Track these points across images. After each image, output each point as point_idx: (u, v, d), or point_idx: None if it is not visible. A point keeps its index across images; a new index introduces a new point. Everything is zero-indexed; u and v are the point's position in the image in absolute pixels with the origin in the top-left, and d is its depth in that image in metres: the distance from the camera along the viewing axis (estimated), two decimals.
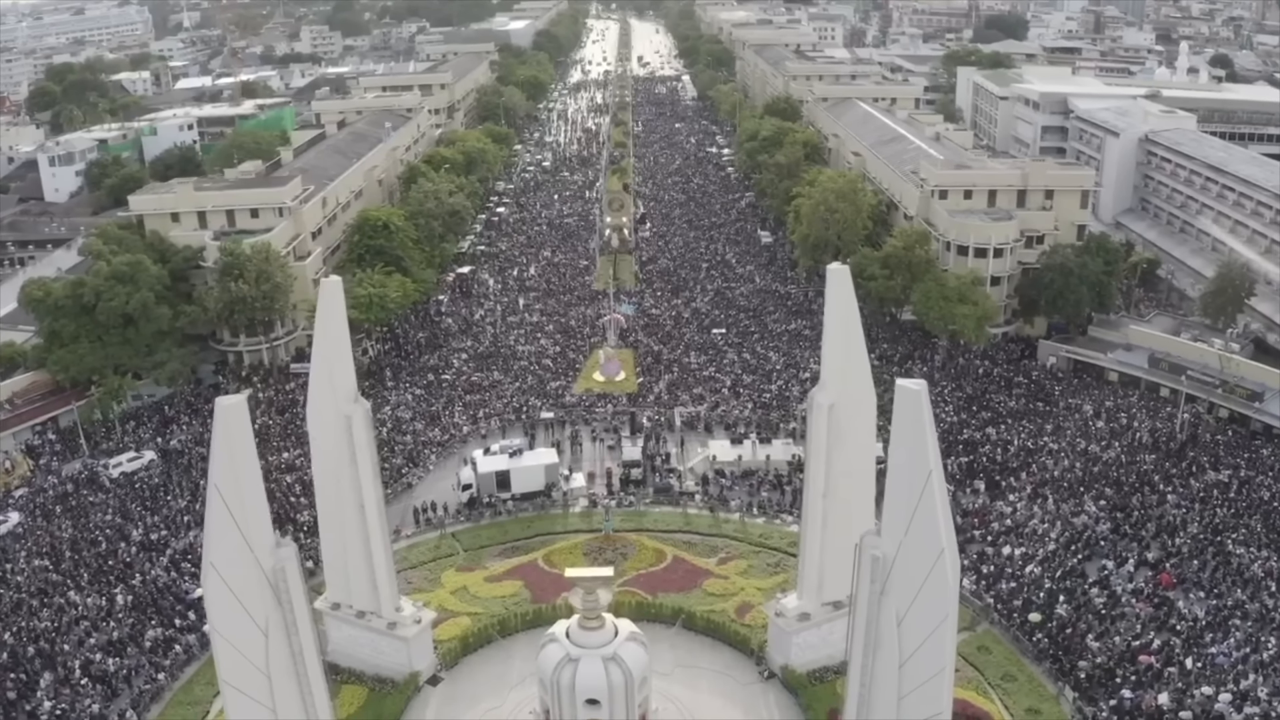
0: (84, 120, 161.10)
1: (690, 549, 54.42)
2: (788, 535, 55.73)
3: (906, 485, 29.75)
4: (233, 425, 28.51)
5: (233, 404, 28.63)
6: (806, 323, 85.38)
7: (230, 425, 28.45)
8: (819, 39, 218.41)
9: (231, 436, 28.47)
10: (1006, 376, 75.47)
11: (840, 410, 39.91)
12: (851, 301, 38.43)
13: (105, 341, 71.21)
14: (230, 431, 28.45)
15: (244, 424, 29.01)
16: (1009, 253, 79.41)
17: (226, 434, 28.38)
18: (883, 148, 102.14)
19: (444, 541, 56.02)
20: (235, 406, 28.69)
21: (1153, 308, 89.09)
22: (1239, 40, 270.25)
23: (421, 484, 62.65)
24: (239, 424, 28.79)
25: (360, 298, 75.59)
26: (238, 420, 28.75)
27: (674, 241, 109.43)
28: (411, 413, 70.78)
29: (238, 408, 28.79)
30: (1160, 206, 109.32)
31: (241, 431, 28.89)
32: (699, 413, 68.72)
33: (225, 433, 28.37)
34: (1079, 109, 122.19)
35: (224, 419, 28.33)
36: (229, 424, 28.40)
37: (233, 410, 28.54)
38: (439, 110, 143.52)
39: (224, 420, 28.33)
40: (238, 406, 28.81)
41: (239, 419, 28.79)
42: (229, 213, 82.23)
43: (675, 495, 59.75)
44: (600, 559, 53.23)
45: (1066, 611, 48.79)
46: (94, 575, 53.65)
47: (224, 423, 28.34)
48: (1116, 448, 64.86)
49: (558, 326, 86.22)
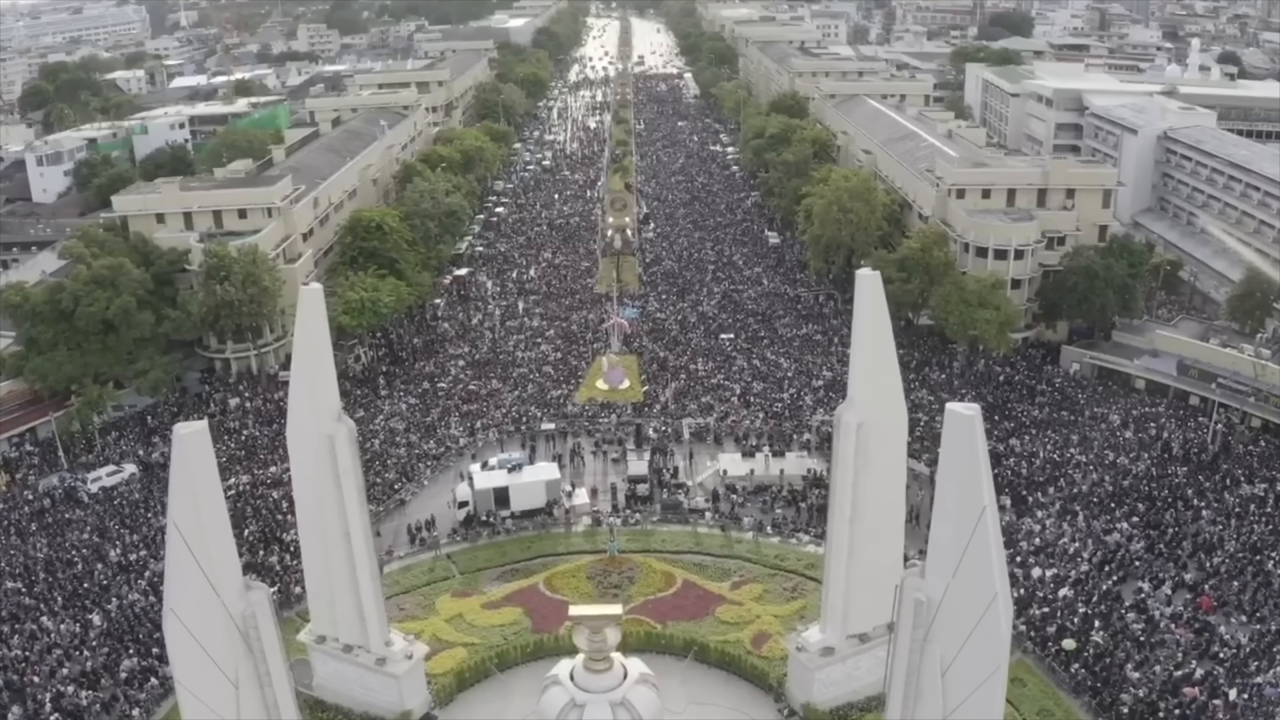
0: (75, 119, 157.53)
1: (701, 572, 51.11)
2: (804, 556, 52.65)
3: (956, 521, 26.58)
4: (193, 456, 25.10)
5: (192, 432, 25.11)
6: (818, 327, 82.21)
7: (190, 456, 25.04)
8: (823, 36, 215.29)
9: (192, 469, 25.08)
10: (1028, 384, 72.51)
11: (869, 429, 36.55)
12: (883, 310, 35.08)
13: (85, 349, 68.08)
14: (190, 463, 25.06)
15: (205, 454, 25.58)
16: (1030, 254, 76.11)
17: (186, 466, 25.01)
18: (894, 145, 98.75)
19: (439, 564, 52.77)
20: (195, 435, 25.17)
21: (1176, 311, 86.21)
22: (1245, 38, 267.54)
23: (415, 500, 59.38)
24: (200, 454, 25.38)
25: (352, 302, 72.33)
26: (198, 450, 25.31)
27: (678, 242, 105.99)
28: (405, 424, 67.45)
29: (198, 436, 25.26)
30: (1180, 206, 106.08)
31: (203, 463, 25.49)
32: (708, 424, 65.33)
33: (185, 465, 25.00)
34: (1094, 106, 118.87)
35: (183, 449, 24.92)
36: (188, 455, 25.00)
37: (192, 439, 25.06)
38: (436, 108, 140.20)
39: (183, 451, 24.92)
40: (198, 435, 25.27)
41: (200, 449, 25.34)
42: (216, 213, 78.80)
43: (684, 512, 56.41)
44: (605, 583, 50.08)
45: (1103, 639, 46.11)
46: (68, 599, 51.08)
47: (183, 453, 24.94)
48: (1146, 460, 62.66)
49: (559, 331, 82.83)
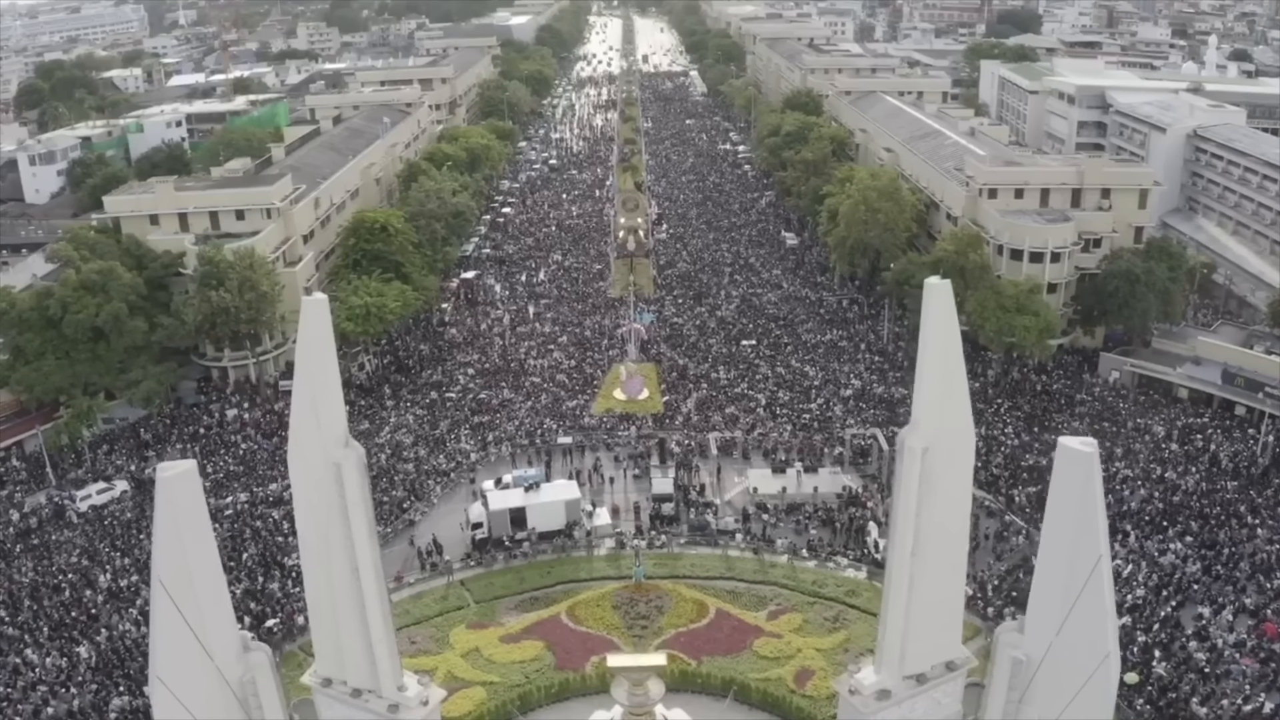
0: (70, 118, 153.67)
1: (735, 600, 47.51)
2: (844, 582, 49.14)
3: (1066, 571, 23.04)
4: (180, 501, 21.37)
5: (178, 474, 21.30)
6: (843, 333, 78.66)
7: (176, 501, 21.32)
8: (831, 34, 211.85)
9: (179, 516, 21.37)
10: (1067, 393, 68.88)
11: (935, 455, 32.76)
12: (953, 323, 31.27)
13: (73, 358, 64.56)
14: (177, 510, 21.36)
15: (194, 499, 21.79)
16: (1066, 257, 72.48)
17: (172, 513, 21.32)
18: (917, 143, 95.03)
19: (452, 591, 49.12)
20: (181, 477, 21.35)
21: (1213, 316, 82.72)
22: (1254, 35, 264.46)
23: (425, 520, 55.73)
24: (188, 499, 21.61)
25: (356, 308, 68.68)
26: (186, 494, 21.54)
27: (692, 243, 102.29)
28: (413, 437, 63.79)
29: (184, 479, 21.45)
30: (1210, 206, 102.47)
31: (191, 509, 21.73)
32: (735, 438, 61.58)
33: (171, 511, 21.31)
34: (1118, 103, 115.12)
35: (168, 494, 21.20)
36: (174, 500, 21.27)
37: (178, 482, 21.29)
38: (440, 105, 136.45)
39: (168, 495, 21.20)
40: (184, 477, 21.46)
41: (187, 493, 21.56)
42: (212, 214, 74.93)
43: (713, 534, 52.82)
44: (633, 613, 46.47)
45: (1166, 670, 43.19)
46: (55, 629, 47.92)
47: (168, 498, 21.23)
48: (1195, 474, 59.28)
49: (572, 338, 79.11)
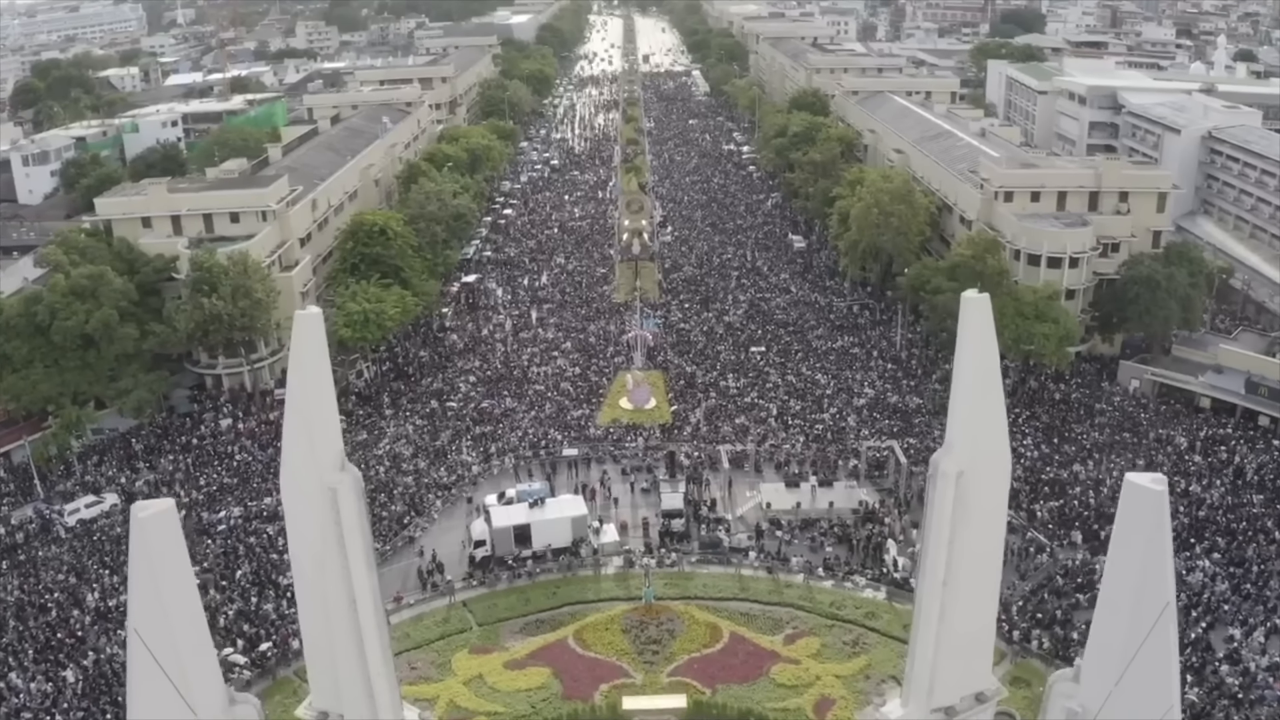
0: (65, 117, 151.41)
1: (750, 623, 45.50)
2: (862, 603, 47.16)
3: (1129, 618, 21.02)
4: (156, 544, 19.20)
5: (154, 514, 18.97)
6: (854, 339, 76.60)
7: (152, 545, 19.16)
8: (835, 33, 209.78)
9: (155, 560, 19.21)
10: (1086, 403, 66.86)
11: (970, 479, 30.78)
12: (991, 340, 29.18)
13: (62, 366, 62.54)
14: (153, 553, 19.22)
15: (173, 541, 19.60)
16: (1085, 263, 70.45)
17: (148, 558, 19.17)
18: (928, 144, 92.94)
19: (454, 612, 47.10)
20: (158, 518, 19.06)
21: (1233, 322, 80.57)
22: (1258, 36, 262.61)
23: (425, 536, 53.64)
24: (165, 542, 19.44)
25: (354, 314, 66.56)
26: (163, 537, 19.38)
27: (697, 246, 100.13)
28: (413, 448, 61.67)
29: (162, 519, 19.16)
30: (1226, 209, 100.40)
31: (170, 552, 19.53)
32: (748, 451, 59.44)
33: (146, 556, 19.18)
34: (1131, 104, 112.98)
35: (143, 537, 19.03)
36: (151, 544, 19.12)
37: (155, 524, 19.07)
38: (440, 105, 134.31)
39: (143, 538, 19.05)
40: (162, 518, 19.16)
41: (165, 535, 19.40)
42: (206, 217, 72.83)
43: (725, 551, 50.76)
44: (643, 637, 44.44)
45: (1199, 696, 41.44)
46: (40, 651, 46.08)
47: (144, 542, 19.08)
48: (1219, 487, 57.30)
49: (576, 344, 76.96)
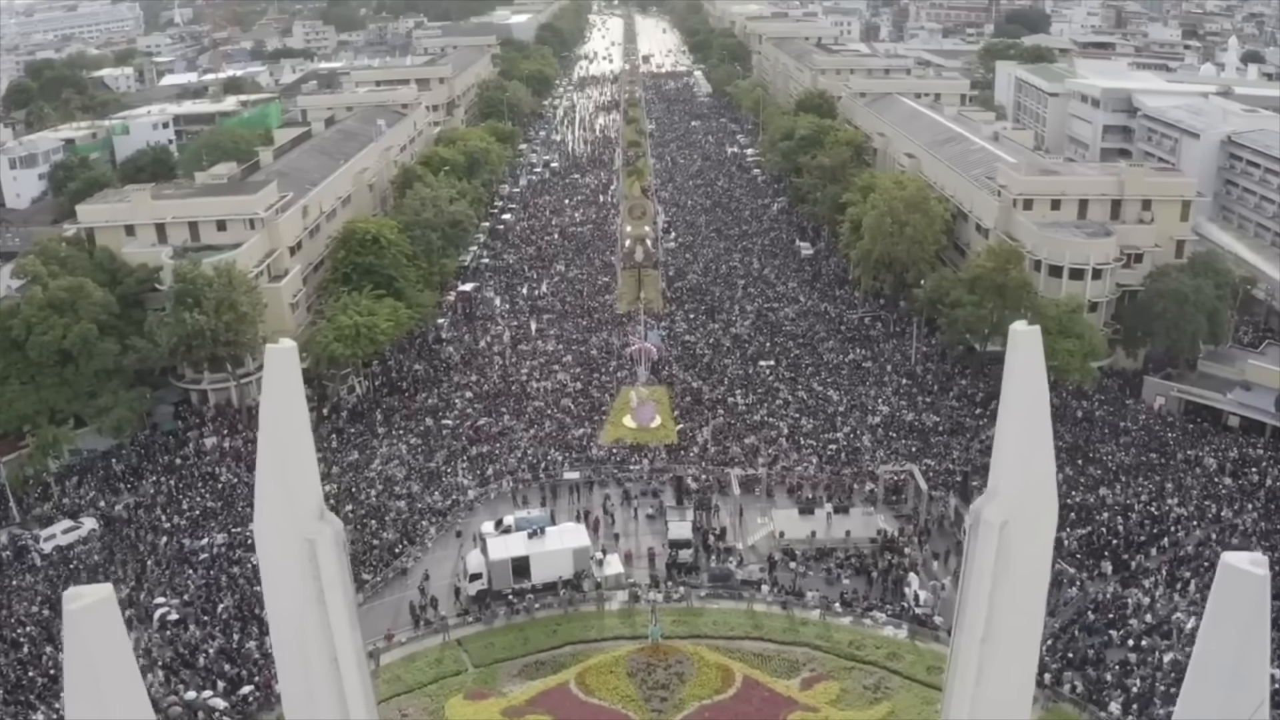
0: (56, 118, 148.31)
1: (764, 664, 42.62)
2: (883, 642, 44.34)
3: (1218, 713, 18.13)
4: (94, 641, 16.21)
5: (90, 605, 15.79)
6: (866, 352, 73.68)
7: (90, 642, 16.19)
8: (839, 33, 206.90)
9: (93, 660, 16.16)
10: (1111, 421, 64.02)
11: (1015, 528, 27.95)
12: (1041, 378, 26.24)
13: (39, 383, 59.61)
14: (92, 651, 16.20)
15: (113, 635, 16.57)
16: (1108, 274, 67.64)
17: (86, 656, 16.13)
18: (940, 149, 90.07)
19: (448, 652, 44.17)
20: (95, 609, 15.81)
21: (1258, 335, 77.63)
22: (1264, 37, 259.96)
23: (418, 566, 50.74)
24: (104, 636, 16.40)
25: (345, 328, 63.57)
26: (102, 631, 16.32)
27: (702, 253, 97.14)
28: (406, 469, 58.75)
29: (100, 610, 15.96)
30: (1246, 216, 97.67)
31: (110, 647, 16.57)
32: (760, 475, 56.38)
33: (84, 653, 16.13)
34: (1147, 107, 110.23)
35: (78, 632, 16.02)
36: (88, 640, 16.12)
37: (90, 616, 15.93)
38: (437, 106, 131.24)
39: (79, 635, 16.00)
40: (99, 608, 15.87)
41: (104, 628, 16.37)
42: (192, 225, 69.84)
43: (736, 585, 47.83)
44: (650, 681, 41.54)
45: None
46: (10, 691, 43.04)
47: (79, 639, 16.04)
48: (1252, 511, 54.67)
49: (577, 357, 73.93)
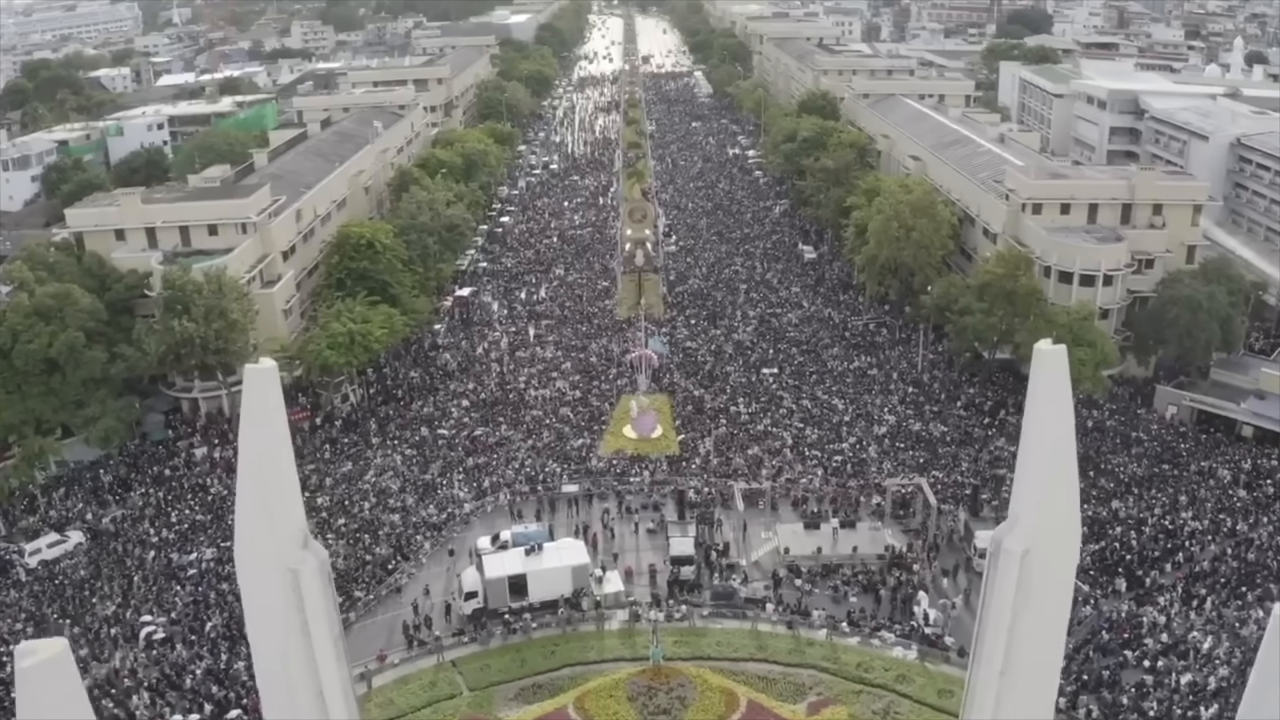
0: (51, 119, 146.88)
1: (769, 687, 41.21)
2: (892, 664, 42.97)
3: None
4: (46, 700, 14.88)
5: (43, 661, 14.53)
6: (871, 360, 72.24)
7: (42, 701, 14.85)
8: (840, 33, 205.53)
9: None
10: (1122, 431, 62.61)
11: (1037, 557, 26.60)
12: (1067, 400, 24.94)
13: (25, 393, 58.14)
14: (43, 711, 14.90)
15: (69, 694, 15.20)
16: (1120, 280, 66.24)
17: (38, 716, 14.88)
18: (946, 151, 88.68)
19: (442, 674, 42.75)
20: (49, 665, 14.55)
21: (1268, 342, 76.22)
22: (1266, 37, 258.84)
23: (412, 583, 49.31)
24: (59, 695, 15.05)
25: (338, 336, 62.12)
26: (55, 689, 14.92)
27: (703, 257, 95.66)
28: (401, 481, 57.28)
29: (54, 666, 14.62)
30: (1256, 220, 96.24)
31: (64, 708, 15.21)
32: (765, 489, 54.87)
33: (36, 713, 14.88)
34: (1154, 109, 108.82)
35: (31, 690, 14.66)
36: (38, 700, 14.74)
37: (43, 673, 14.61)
38: (435, 107, 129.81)
39: (32, 693, 14.65)
40: (54, 664, 14.59)
41: (59, 685, 14.96)
42: (183, 229, 68.33)
43: (740, 603, 46.41)
44: (651, 706, 40.10)
45: None
46: None
47: (32, 697, 14.69)
48: (1268, 525, 53.42)
49: (576, 365, 72.45)
